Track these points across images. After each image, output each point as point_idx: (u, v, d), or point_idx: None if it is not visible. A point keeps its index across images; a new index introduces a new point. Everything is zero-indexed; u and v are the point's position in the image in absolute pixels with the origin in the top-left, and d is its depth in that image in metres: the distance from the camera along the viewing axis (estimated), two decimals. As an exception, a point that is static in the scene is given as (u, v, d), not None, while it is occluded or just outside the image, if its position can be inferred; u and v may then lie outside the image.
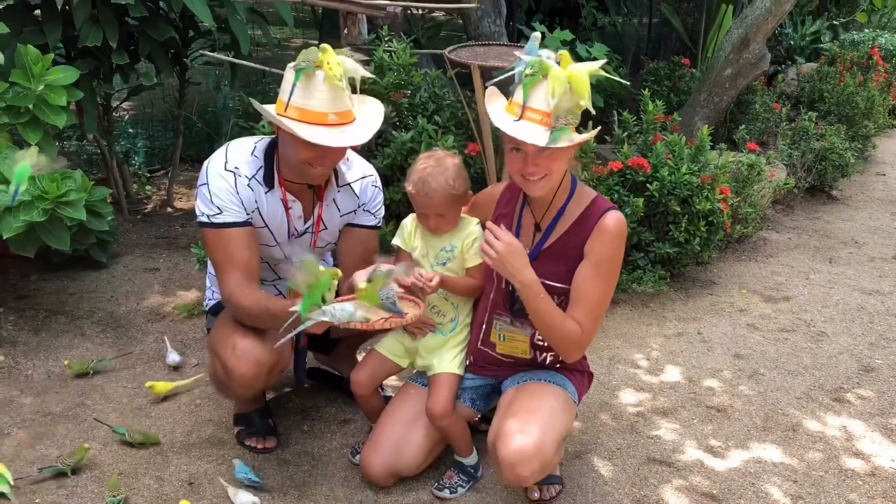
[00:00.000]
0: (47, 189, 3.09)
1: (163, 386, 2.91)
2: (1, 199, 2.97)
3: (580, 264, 2.19)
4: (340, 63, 2.16)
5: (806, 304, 3.90)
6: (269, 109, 2.23)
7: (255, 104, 2.25)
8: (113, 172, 4.51)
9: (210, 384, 2.90)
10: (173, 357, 3.14)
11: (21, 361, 3.11)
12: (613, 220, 2.19)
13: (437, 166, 2.31)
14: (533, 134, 2.04)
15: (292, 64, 2.18)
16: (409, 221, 2.47)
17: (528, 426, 2.16)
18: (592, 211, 2.22)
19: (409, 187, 2.34)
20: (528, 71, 2.06)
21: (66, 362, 3.04)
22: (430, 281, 2.27)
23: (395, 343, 2.52)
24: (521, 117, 2.07)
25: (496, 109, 2.16)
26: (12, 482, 2.36)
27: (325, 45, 2.17)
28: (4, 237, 3.04)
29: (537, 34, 2.18)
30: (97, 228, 3.54)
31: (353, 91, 2.25)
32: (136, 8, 3.64)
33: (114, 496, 2.35)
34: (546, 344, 2.33)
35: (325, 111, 2.17)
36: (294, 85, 2.16)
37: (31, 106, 3.20)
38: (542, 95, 2.06)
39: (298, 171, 2.33)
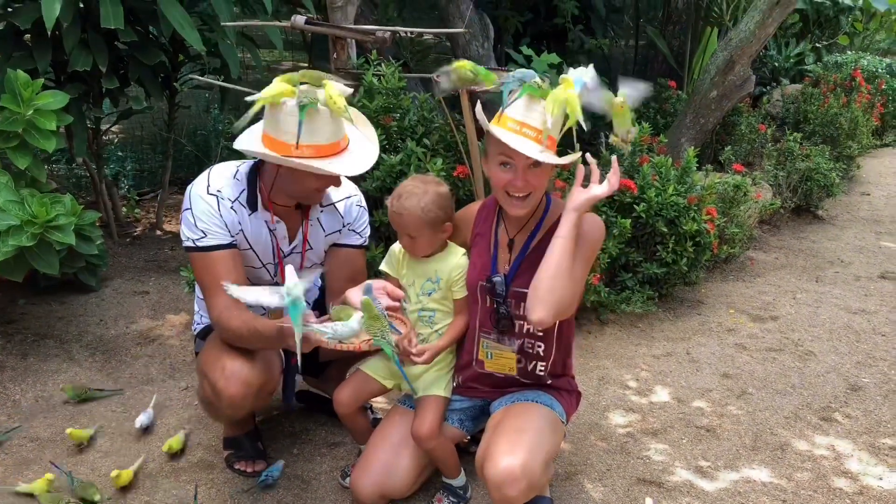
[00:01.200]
0: (36, 213, 3.09)
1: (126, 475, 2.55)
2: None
3: None
4: (341, 94, 2.18)
5: (793, 324, 3.93)
6: (269, 151, 2.21)
7: (257, 152, 2.23)
8: (102, 196, 4.51)
9: (199, 406, 2.89)
10: (142, 419, 2.86)
11: (9, 386, 3.09)
12: (591, 214, 2.24)
13: (417, 188, 2.33)
14: (531, 148, 2.10)
15: (290, 101, 2.14)
16: (397, 248, 2.48)
17: (516, 446, 2.17)
18: None
19: (387, 201, 2.38)
20: (537, 83, 2.12)
21: (61, 388, 3.02)
22: (421, 356, 2.32)
23: (380, 364, 2.52)
24: (514, 131, 2.12)
25: (487, 122, 2.20)
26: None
27: (324, 80, 2.18)
28: (-7, 261, 3.04)
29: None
30: (86, 252, 3.54)
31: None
32: (126, 33, 3.66)
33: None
34: (534, 351, 2.35)
35: (336, 141, 2.23)
36: (301, 123, 2.15)
37: (20, 130, 3.20)
38: (539, 114, 2.11)
39: (305, 198, 2.39)
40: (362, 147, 2.33)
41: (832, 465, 2.81)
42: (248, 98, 2.18)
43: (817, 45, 8.34)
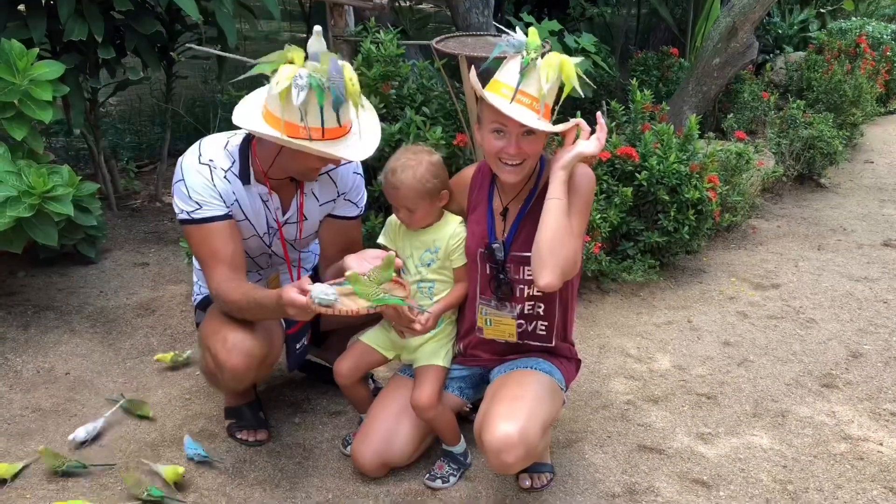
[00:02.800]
0: (34, 184, 3.08)
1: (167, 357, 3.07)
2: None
3: None
4: (354, 77, 2.14)
5: (795, 292, 3.92)
6: (273, 132, 2.15)
7: (268, 135, 2.16)
8: (100, 168, 4.49)
9: (202, 377, 2.90)
10: (80, 434, 2.60)
11: (10, 357, 3.10)
12: (580, 165, 2.21)
13: (410, 160, 2.30)
14: (526, 116, 2.08)
15: (300, 81, 2.05)
16: (395, 220, 2.46)
17: (513, 413, 2.17)
18: None
19: (381, 176, 2.36)
20: (532, 55, 2.09)
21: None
22: (426, 323, 2.31)
23: (381, 334, 2.52)
24: (513, 99, 2.10)
25: (481, 88, 2.17)
26: None
27: (343, 63, 2.13)
28: (-9, 233, 3.03)
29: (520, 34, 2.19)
30: (85, 224, 3.53)
31: None
32: (122, 2, 3.62)
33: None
34: (535, 312, 2.34)
35: (345, 124, 2.19)
36: (321, 107, 2.09)
37: (16, 101, 3.17)
38: (535, 81, 2.09)
39: (302, 176, 2.36)
40: (367, 126, 2.27)
41: (833, 430, 2.81)
42: (275, 90, 2.08)
43: (822, 10, 8.23)
